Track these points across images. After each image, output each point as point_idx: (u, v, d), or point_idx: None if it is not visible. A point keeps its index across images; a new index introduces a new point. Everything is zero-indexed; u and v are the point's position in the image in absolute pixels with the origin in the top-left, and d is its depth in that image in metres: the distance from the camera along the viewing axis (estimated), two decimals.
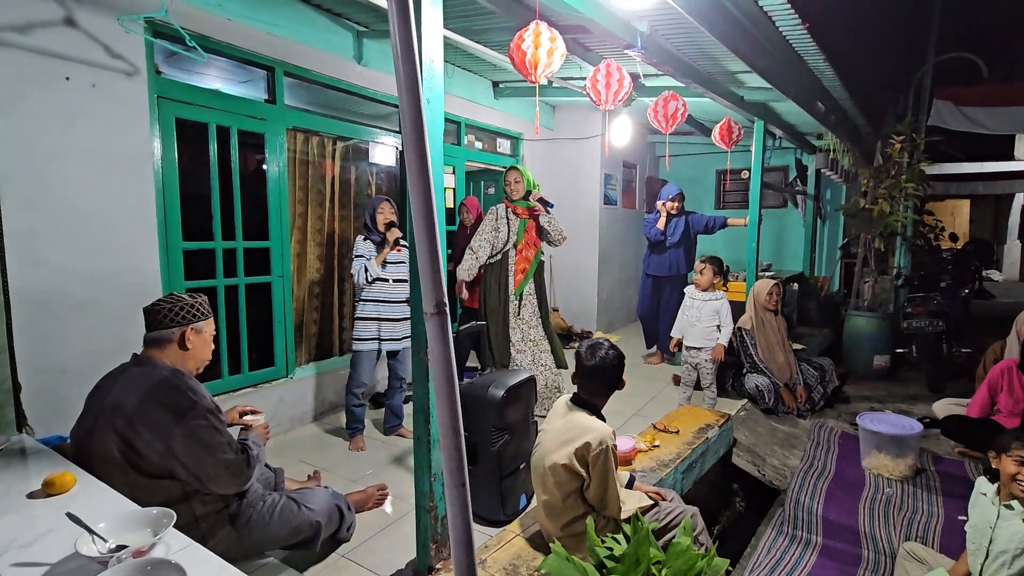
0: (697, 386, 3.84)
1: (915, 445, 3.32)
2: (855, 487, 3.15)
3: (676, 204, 4.88)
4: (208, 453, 1.65)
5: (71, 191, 2.44)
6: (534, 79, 2.12)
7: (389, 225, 3.12)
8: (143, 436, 1.61)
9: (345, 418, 3.24)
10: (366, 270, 3.07)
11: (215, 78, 3.20)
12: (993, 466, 1.96)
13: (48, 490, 1.42)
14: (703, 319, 3.64)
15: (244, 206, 3.24)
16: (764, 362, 4.15)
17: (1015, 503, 1.86)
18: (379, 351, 3.18)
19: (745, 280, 4.96)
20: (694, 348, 3.68)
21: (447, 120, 4.88)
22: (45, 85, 2.35)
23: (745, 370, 4.20)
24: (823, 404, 4.32)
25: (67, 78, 2.41)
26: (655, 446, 2.76)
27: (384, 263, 3.11)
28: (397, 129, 4.35)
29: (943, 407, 3.93)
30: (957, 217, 13.70)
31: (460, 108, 4.94)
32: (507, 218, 3.60)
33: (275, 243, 3.41)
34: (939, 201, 11.76)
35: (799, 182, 6.86)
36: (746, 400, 4.09)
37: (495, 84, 5.33)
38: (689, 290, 3.75)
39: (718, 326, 3.63)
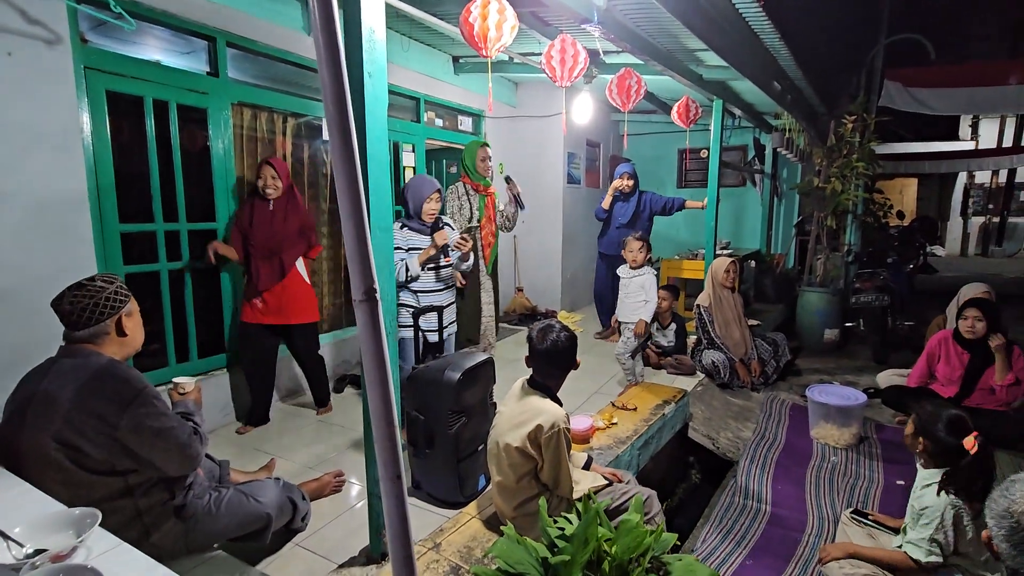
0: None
1: (859, 415, 3.47)
2: (803, 456, 3.29)
3: (627, 183, 4.89)
4: (160, 439, 1.60)
5: None
6: (485, 53, 2.06)
7: (436, 223, 2.84)
8: (84, 430, 1.53)
9: None
10: (407, 268, 2.79)
11: (151, 48, 3.00)
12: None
13: None
14: (631, 294, 3.68)
15: (187, 185, 3.08)
16: (721, 338, 4.25)
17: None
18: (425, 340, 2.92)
19: (704, 259, 5.05)
20: (627, 323, 3.73)
21: (405, 96, 4.74)
22: None
23: (703, 346, 4.30)
24: (776, 377, 4.48)
25: None
26: (613, 423, 2.80)
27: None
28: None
29: (886, 378, 4.12)
30: (905, 195, 14.27)
31: (419, 84, 4.79)
32: (467, 195, 3.55)
33: (223, 225, 3.26)
34: (888, 180, 12.24)
35: (757, 161, 6.99)
36: (703, 375, 4.20)
37: (455, 59, 5.18)
38: (622, 269, 3.77)
39: (644, 300, 3.66)
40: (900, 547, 2.02)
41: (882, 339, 5.02)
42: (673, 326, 4.69)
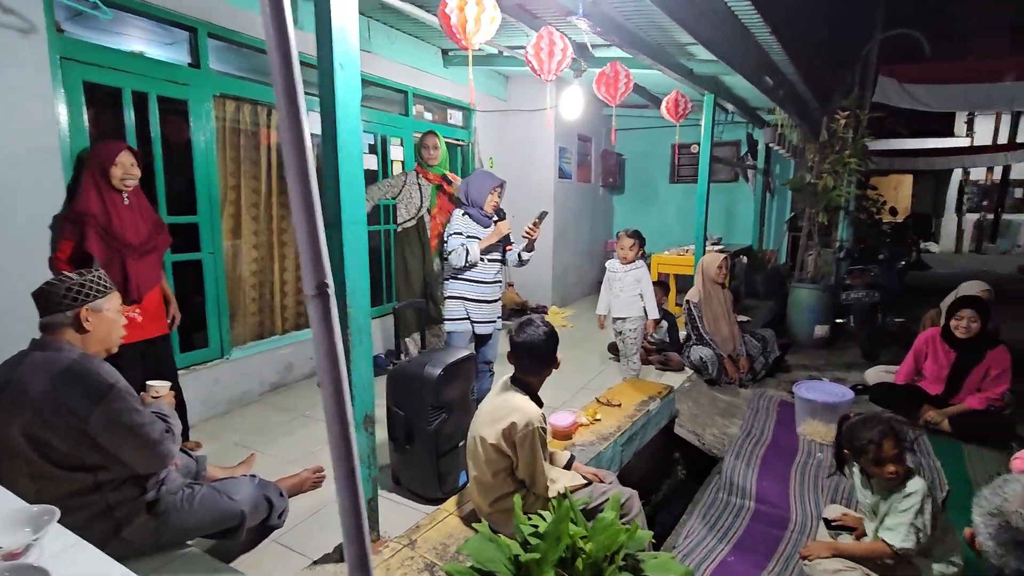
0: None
1: (846, 412, 3.46)
2: (789, 453, 3.28)
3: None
4: (132, 435, 1.59)
5: None
6: (465, 44, 2.03)
7: (498, 213, 2.89)
8: (55, 424, 1.52)
9: None
10: (467, 252, 2.79)
11: (130, 38, 2.95)
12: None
13: None
14: (626, 289, 3.64)
15: (168, 178, 3.04)
16: (709, 334, 4.24)
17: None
18: (472, 332, 2.93)
19: (694, 254, 5.03)
20: (620, 318, 3.69)
21: (392, 89, 4.69)
22: None
23: (692, 342, 4.29)
24: (765, 374, 4.47)
25: None
26: (597, 420, 2.78)
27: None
28: None
29: (874, 374, 4.12)
30: (900, 192, 14.28)
31: (407, 76, 4.75)
32: (418, 184, 3.58)
33: (204, 218, 3.22)
34: (883, 176, 12.22)
35: (750, 157, 6.97)
36: (692, 371, 4.19)
37: (444, 52, 5.13)
38: (610, 264, 3.73)
39: (640, 294, 3.64)
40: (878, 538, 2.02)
41: (871, 336, 5.02)
42: (664, 323, 4.68)
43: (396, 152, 4.80)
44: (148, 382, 1.93)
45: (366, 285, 1.55)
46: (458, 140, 5.73)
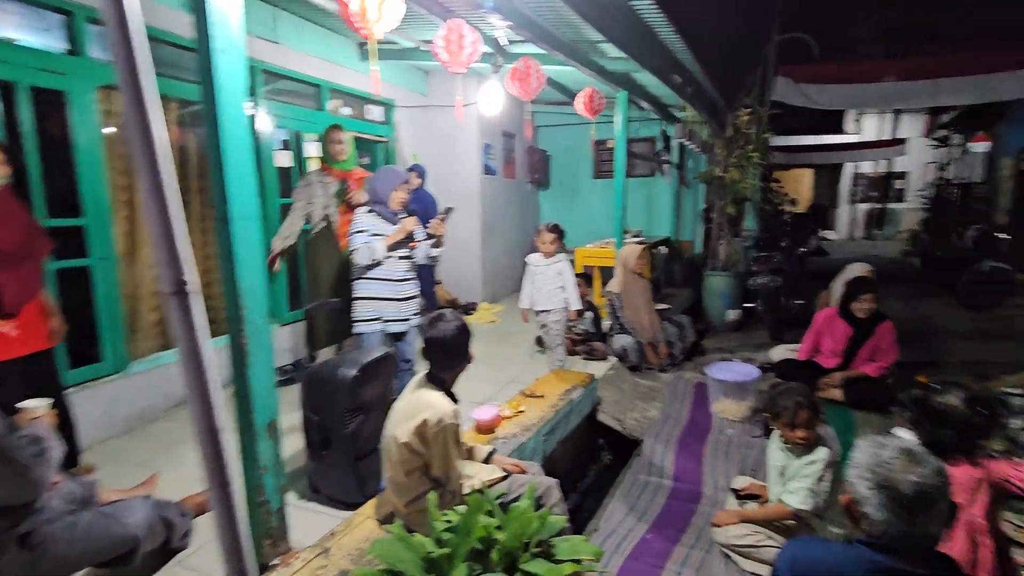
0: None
1: (754, 389, 3.71)
2: (703, 431, 3.47)
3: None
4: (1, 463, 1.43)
5: None
6: (367, 33, 1.97)
7: (406, 210, 2.87)
8: None
9: None
10: (371, 252, 2.74)
11: None
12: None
13: None
14: (548, 282, 3.69)
15: (48, 178, 2.76)
16: (630, 323, 4.40)
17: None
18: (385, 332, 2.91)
19: (614, 246, 5.20)
20: (543, 311, 3.74)
21: (304, 82, 4.50)
22: None
23: (614, 331, 4.44)
24: (683, 358, 4.69)
25: None
26: (520, 411, 2.82)
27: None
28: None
29: (779, 353, 4.44)
30: (801, 185, 15.44)
31: (320, 70, 4.58)
32: (321, 183, 3.49)
33: (92, 221, 2.95)
34: (786, 170, 13.17)
35: (666, 152, 7.29)
36: (616, 360, 4.34)
37: (361, 45, 4.99)
38: (531, 258, 3.77)
39: (562, 287, 3.70)
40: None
41: (776, 317, 5.41)
42: (588, 314, 4.81)
43: (311, 148, 4.62)
44: (22, 403, 1.75)
45: (262, 284, 1.47)
46: (379, 137, 5.60)
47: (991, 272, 6.41)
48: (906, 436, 1.89)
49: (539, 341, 4.48)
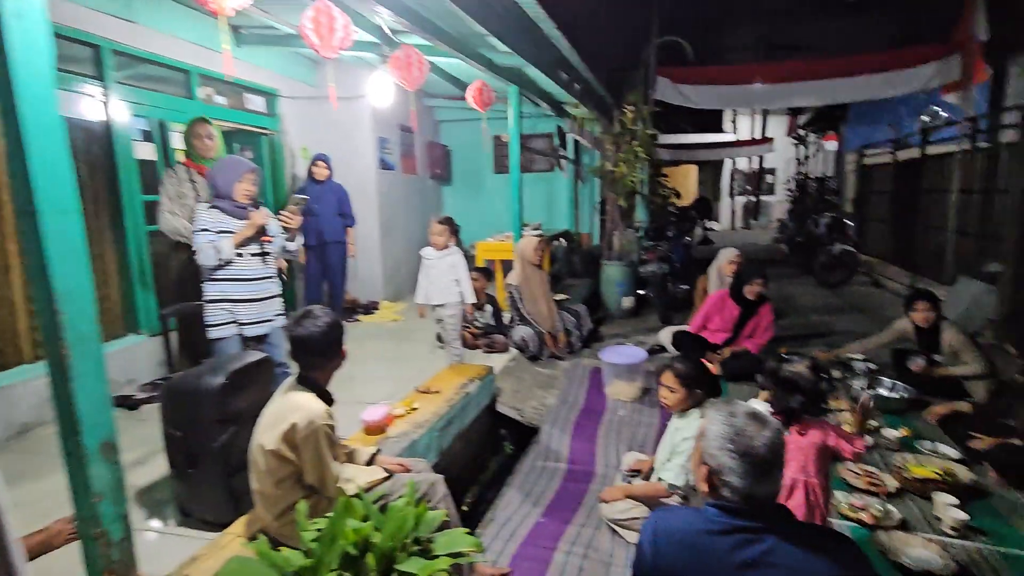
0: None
1: (643, 369, 3.93)
2: (598, 413, 3.61)
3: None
4: None
5: None
6: (214, 7, 1.81)
7: (254, 203, 2.66)
8: None
9: None
10: (216, 251, 2.56)
11: None
12: None
13: None
14: (442, 275, 3.64)
15: None
16: (530, 314, 4.48)
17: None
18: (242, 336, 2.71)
19: (513, 240, 5.26)
20: (438, 305, 3.70)
21: (168, 67, 4.10)
22: None
23: (514, 323, 4.49)
24: (581, 346, 4.87)
25: None
26: (414, 409, 2.76)
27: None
28: (94, 75, 3.50)
29: (666, 335, 4.73)
30: (689, 179, 16.63)
31: (188, 54, 4.18)
32: (191, 180, 3.25)
33: None
34: (676, 166, 14.12)
35: (562, 148, 7.50)
36: (516, 351, 4.39)
37: (236, 29, 4.62)
38: (425, 251, 3.73)
39: (456, 280, 3.67)
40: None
41: (664, 302, 5.78)
42: (489, 307, 4.83)
43: (180, 140, 4.21)
44: None
45: (85, 286, 1.30)
46: (262, 128, 5.24)
47: (840, 254, 7.30)
48: (760, 404, 2.08)
49: (439, 337, 4.42)
